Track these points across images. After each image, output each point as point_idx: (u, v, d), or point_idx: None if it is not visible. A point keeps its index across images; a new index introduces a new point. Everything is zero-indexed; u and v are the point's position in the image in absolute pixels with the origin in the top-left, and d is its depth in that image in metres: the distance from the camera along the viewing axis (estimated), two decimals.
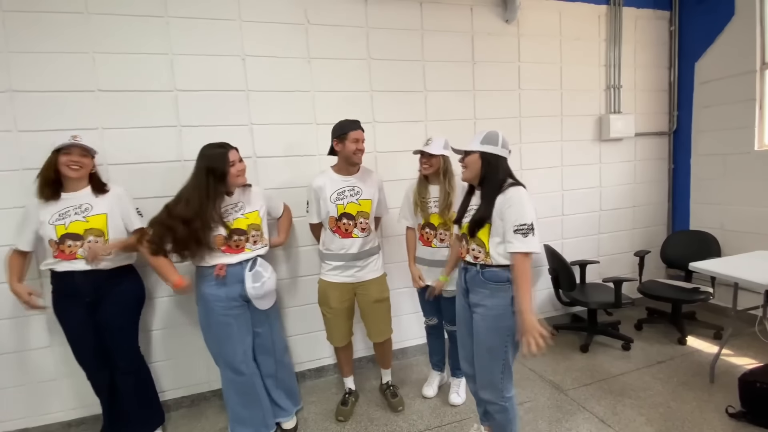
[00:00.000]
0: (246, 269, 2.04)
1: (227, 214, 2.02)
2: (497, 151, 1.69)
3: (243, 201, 2.09)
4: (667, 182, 3.75)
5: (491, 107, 3.06)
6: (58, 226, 1.93)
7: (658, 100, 3.63)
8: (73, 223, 1.94)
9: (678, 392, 2.42)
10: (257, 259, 2.09)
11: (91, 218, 1.97)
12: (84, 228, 1.95)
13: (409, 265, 2.39)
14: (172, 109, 2.37)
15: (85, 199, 1.98)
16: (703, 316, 3.38)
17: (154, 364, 2.43)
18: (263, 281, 2.04)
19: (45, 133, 2.17)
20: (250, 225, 2.08)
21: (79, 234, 1.94)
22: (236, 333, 2.05)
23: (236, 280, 2.02)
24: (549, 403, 2.39)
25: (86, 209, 1.98)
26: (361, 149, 2.17)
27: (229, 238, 1.99)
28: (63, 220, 1.94)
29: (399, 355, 2.96)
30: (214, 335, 2.05)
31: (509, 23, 3.04)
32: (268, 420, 2.18)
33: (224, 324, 2.02)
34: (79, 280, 1.95)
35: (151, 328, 2.45)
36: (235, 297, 2.03)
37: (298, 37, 2.57)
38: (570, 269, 2.96)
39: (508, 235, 1.59)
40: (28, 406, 2.30)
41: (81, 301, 1.97)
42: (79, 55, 2.20)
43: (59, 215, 1.94)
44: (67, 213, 1.95)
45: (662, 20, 3.57)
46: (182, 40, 2.36)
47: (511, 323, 1.64)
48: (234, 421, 2.14)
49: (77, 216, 1.96)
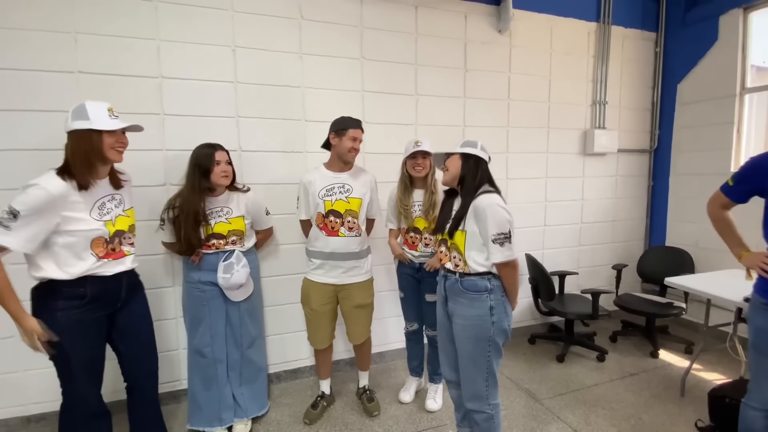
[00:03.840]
0: (221, 260, 2.08)
1: (211, 217, 2.06)
2: (477, 152, 1.69)
3: (231, 207, 2.12)
4: (646, 198, 3.85)
5: (480, 115, 3.08)
6: (107, 222, 1.60)
7: (641, 118, 3.73)
8: (119, 219, 1.66)
9: (649, 404, 2.47)
10: (234, 252, 2.12)
11: (129, 211, 1.73)
12: (128, 224, 1.71)
13: (390, 242, 2.38)
14: (156, 97, 2.30)
15: (111, 189, 1.66)
16: (675, 330, 3.47)
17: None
18: (232, 273, 2.08)
19: (20, 113, 2.08)
20: (231, 231, 2.11)
21: (124, 230, 1.68)
22: (206, 317, 2.13)
23: (211, 267, 2.09)
24: (524, 412, 2.40)
25: (120, 201, 1.69)
26: (356, 148, 2.14)
27: (206, 241, 2.07)
28: (108, 216, 1.62)
29: (377, 358, 2.94)
30: (188, 315, 2.17)
31: (502, 33, 3.08)
32: (223, 414, 2.17)
33: (196, 306, 2.12)
34: (124, 280, 1.68)
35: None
36: (207, 282, 2.09)
37: (291, 32, 2.54)
38: (550, 279, 2.99)
39: (488, 246, 1.59)
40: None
41: (113, 306, 1.67)
42: (60, 34, 2.11)
43: (99, 209, 1.59)
44: (103, 205, 1.61)
45: (648, 41, 3.68)
46: (171, 25, 2.29)
47: (491, 332, 1.64)
48: (192, 405, 2.18)
49: (118, 210, 1.67)
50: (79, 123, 1.50)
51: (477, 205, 1.60)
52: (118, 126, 1.56)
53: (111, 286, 1.63)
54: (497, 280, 1.65)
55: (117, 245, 1.65)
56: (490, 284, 1.63)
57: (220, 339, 2.17)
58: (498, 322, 1.64)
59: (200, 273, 2.10)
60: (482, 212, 1.58)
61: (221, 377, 2.18)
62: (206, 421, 2.15)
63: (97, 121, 1.50)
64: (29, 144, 2.11)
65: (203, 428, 2.15)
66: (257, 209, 2.25)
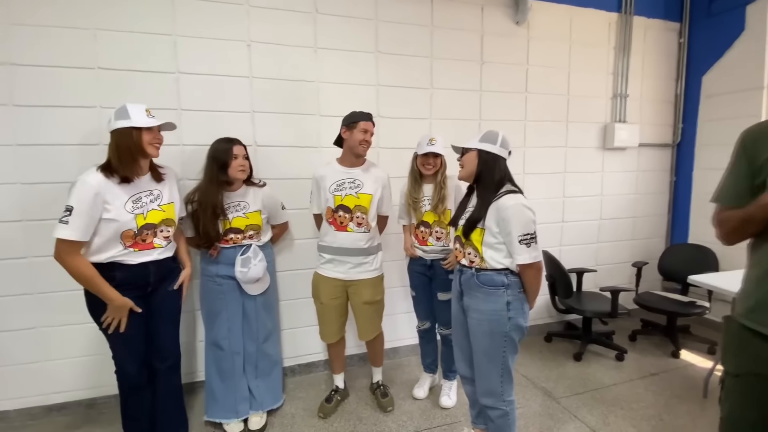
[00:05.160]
0: (238, 253, 2.11)
1: (228, 211, 2.09)
2: (495, 150, 1.65)
3: (248, 201, 2.14)
4: (668, 194, 3.73)
5: (497, 108, 3.02)
6: (138, 215, 1.73)
7: (664, 111, 3.62)
8: (151, 213, 1.77)
9: (671, 405, 2.40)
10: (251, 246, 2.14)
11: (166, 206, 1.83)
12: (161, 218, 1.80)
13: (405, 239, 2.39)
14: (173, 92, 2.32)
15: (151, 185, 1.81)
16: (697, 330, 3.36)
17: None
18: (249, 267, 2.10)
19: (40, 109, 2.13)
20: (249, 225, 2.14)
21: (155, 224, 1.78)
22: (224, 310, 2.15)
23: (229, 261, 2.12)
24: (541, 411, 2.36)
25: (158, 196, 1.81)
26: (367, 141, 2.13)
27: (225, 235, 2.10)
28: (141, 209, 1.74)
29: (391, 354, 2.93)
30: (205, 309, 2.21)
31: (519, 25, 3.01)
32: (239, 406, 2.19)
33: (213, 299, 2.15)
34: (152, 268, 1.79)
35: None
36: (224, 276, 2.12)
37: (306, 26, 2.53)
38: (568, 276, 2.94)
39: (513, 247, 1.55)
40: (8, 388, 2.24)
41: (142, 291, 1.79)
42: (80, 30, 2.15)
43: (133, 203, 1.73)
44: (139, 200, 1.74)
45: (672, 32, 3.56)
46: (187, 21, 2.30)
47: (507, 328, 1.61)
48: (209, 397, 2.19)
49: (153, 204, 1.78)
50: (122, 122, 1.68)
51: (500, 206, 1.57)
52: (155, 123, 1.74)
53: (138, 273, 1.76)
54: (515, 276, 1.62)
55: (148, 237, 1.76)
56: (507, 279, 1.60)
57: (236, 332, 2.19)
58: (514, 318, 1.61)
59: (218, 267, 2.12)
60: (506, 212, 1.54)
61: (237, 370, 2.20)
62: (222, 413, 2.17)
63: (137, 120, 1.68)
64: (51, 139, 2.16)
65: (219, 420, 2.17)
66: (273, 204, 2.27)
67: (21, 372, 2.24)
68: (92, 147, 2.18)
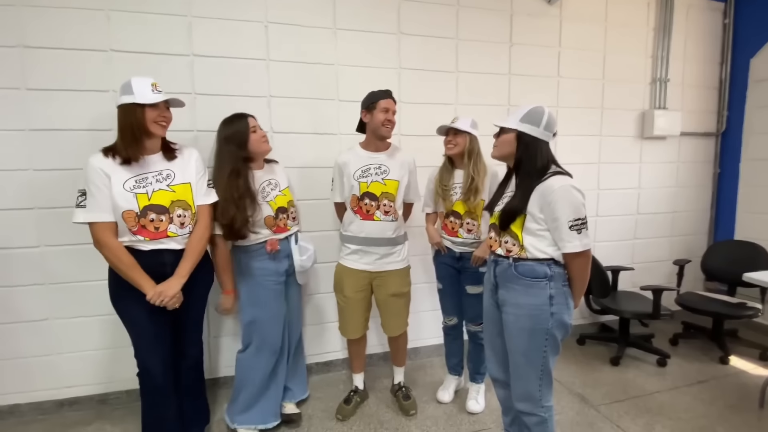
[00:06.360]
0: (292, 243, 2.00)
1: (266, 193, 1.91)
2: (537, 134, 1.45)
3: (277, 179, 1.99)
4: (711, 187, 3.47)
5: (527, 93, 2.83)
6: (140, 194, 1.56)
7: (707, 97, 3.36)
8: (158, 193, 1.60)
9: (725, 416, 2.17)
10: (297, 234, 2.04)
11: (176, 186, 1.64)
12: (170, 199, 1.62)
13: (427, 228, 2.24)
14: (188, 75, 2.23)
15: (162, 165, 1.64)
16: (745, 333, 3.09)
17: None
18: (309, 254, 2.03)
19: (52, 93, 2.06)
20: (289, 201, 2.01)
21: (164, 206, 1.60)
22: (279, 310, 2.00)
23: (284, 254, 1.98)
24: (578, 419, 2.16)
25: (168, 175, 1.63)
26: (391, 120, 1.98)
27: (276, 218, 1.92)
28: (143, 189, 1.57)
29: (412, 354, 2.76)
30: (261, 311, 1.94)
31: (551, 4, 2.82)
32: (278, 408, 2.07)
33: (273, 299, 1.97)
34: (168, 257, 1.64)
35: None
36: (282, 272, 1.98)
37: (325, 5, 2.40)
38: (605, 274, 2.73)
39: (562, 233, 1.38)
40: (18, 381, 2.17)
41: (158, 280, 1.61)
42: (92, 11, 2.07)
43: (136, 182, 1.57)
44: (144, 179, 1.58)
45: (716, 11, 3.30)
46: (202, 1, 2.20)
47: (549, 325, 1.44)
48: (244, 407, 1.96)
49: (160, 184, 1.61)
50: (125, 98, 1.55)
51: (546, 188, 1.39)
52: (159, 99, 1.57)
53: (150, 262, 1.60)
54: (559, 267, 1.44)
55: (161, 223, 1.59)
56: (550, 270, 1.42)
57: (283, 331, 2.03)
58: (558, 314, 1.43)
59: (276, 264, 1.94)
60: (553, 196, 1.37)
61: (281, 373, 2.05)
62: (262, 418, 2.01)
63: (140, 96, 1.53)
64: (64, 124, 2.09)
65: (260, 426, 2.01)
66: (287, 175, 2.12)
67: (32, 365, 2.18)
68: (105, 132, 2.10)
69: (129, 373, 1.78)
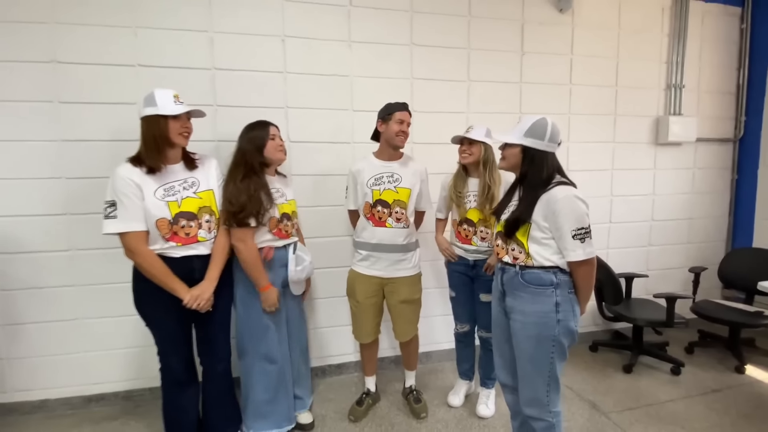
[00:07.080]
0: (290, 252, 2.00)
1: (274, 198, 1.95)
2: (543, 146, 1.48)
3: (283, 189, 2.03)
4: (729, 194, 3.42)
5: (539, 102, 2.86)
6: (170, 202, 1.64)
7: (724, 103, 3.32)
8: (187, 200, 1.67)
9: (738, 426, 2.15)
10: (296, 244, 2.05)
11: (202, 193, 1.72)
12: (198, 205, 1.70)
13: (436, 237, 2.29)
14: (209, 88, 2.33)
15: (185, 174, 1.72)
16: (762, 343, 3.04)
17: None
18: (304, 265, 2.02)
19: (83, 106, 2.18)
20: (294, 212, 2.06)
21: (192, 212, 1.68)
22: (276, 319, 1.99)
23: (281, 264, 1.98)
24: (588, 426, 2.17)
25: (193, 184, 1.72)
26: (404, 131, 2.05)
27: (280, 221, 1.94)
28: (173, 197, 1.64)
29: (423, 358, 2.81)
30: (255, 321, 1.94)
31: (563, 12, 2.84)
32: (291, 413, 2.10)
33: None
34: (197, 263, 1.71)
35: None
36: (278, 283, 1.97)
37: (340, 19, 2.48)
38: (617, 281, 2.72)
39: (566, 242, 1.42)
40: (48, 378, 2.29)
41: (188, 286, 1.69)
42: (120, 29, 2.19)
43: (165, 191, 1.64)
44: (171, 188, 1.66)
45: (733, 17, 3.26)
46: (223, 17, 2.31)
47: (555, 332, 1.47)
48: (254, 415, 1.99)
49: (188, 192, 1.69)
50: (149, 109, 1.62)
51: (550, 198, 1.44)
52: (182, 110, 1.64)
53: (181, 268, 1.67)
54: (564, 275, 1.47)
55: (192, 230, 1.68)
56: (556, 278, 1.46)
57: (284, 340, 2.05)
58: (564, 321, 1.47)
59: (272, 273, 1.92)
60: (557, 205, 1.41)
61: (288, 380, 2.07)
62: (274, 425, 2.03)
63: (163, 107, 1.61)
64: (95, 135, 2.21)
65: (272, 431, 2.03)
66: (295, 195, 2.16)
67: (62, 362, 2.30)
68: (132, 143, 2.20)
69: (152, 372, 1.88)
